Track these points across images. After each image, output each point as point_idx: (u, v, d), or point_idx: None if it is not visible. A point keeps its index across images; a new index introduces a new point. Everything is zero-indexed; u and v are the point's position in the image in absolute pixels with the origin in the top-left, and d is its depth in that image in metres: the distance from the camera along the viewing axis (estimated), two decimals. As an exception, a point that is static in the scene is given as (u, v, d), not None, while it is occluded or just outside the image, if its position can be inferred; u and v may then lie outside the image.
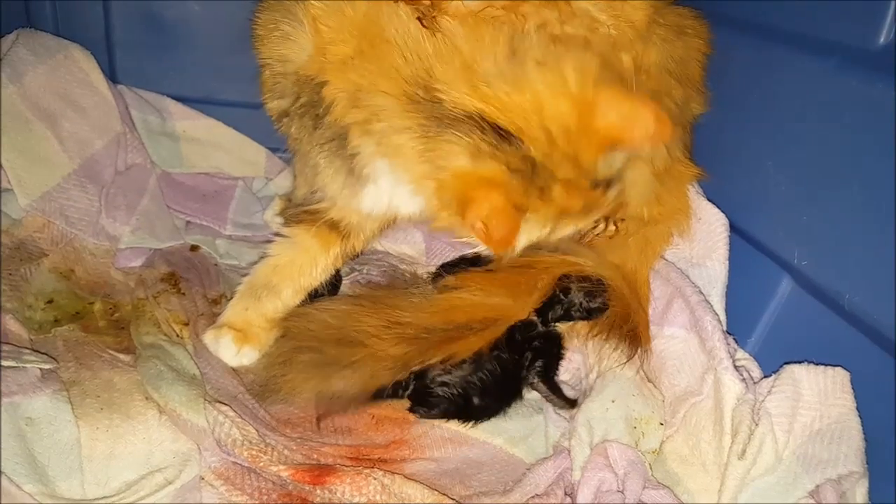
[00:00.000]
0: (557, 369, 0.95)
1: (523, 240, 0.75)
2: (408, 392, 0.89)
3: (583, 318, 0.95)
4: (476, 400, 0.89)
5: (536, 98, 0.69)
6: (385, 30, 0.73)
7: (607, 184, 0.74)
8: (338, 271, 1.04)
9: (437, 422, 0.89)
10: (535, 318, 0.94)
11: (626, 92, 0.72)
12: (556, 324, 0.96)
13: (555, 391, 0.92)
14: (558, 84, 0.70)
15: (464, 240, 1.01)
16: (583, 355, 0.95)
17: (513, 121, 0.69)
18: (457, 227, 0.74)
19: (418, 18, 0.72)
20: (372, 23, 0.74)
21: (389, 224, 0.99)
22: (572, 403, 0.90)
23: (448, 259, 1.12)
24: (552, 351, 0.95)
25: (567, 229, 0.76)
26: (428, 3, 0.73)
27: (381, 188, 0.80)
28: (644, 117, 0.69)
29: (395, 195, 0.80)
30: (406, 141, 0.73)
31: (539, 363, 0.93)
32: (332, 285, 1.03)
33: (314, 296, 0.99)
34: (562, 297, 0.94)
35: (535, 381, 0.93)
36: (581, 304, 0.94)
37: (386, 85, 0.73)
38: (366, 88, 0.74)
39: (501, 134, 0.69)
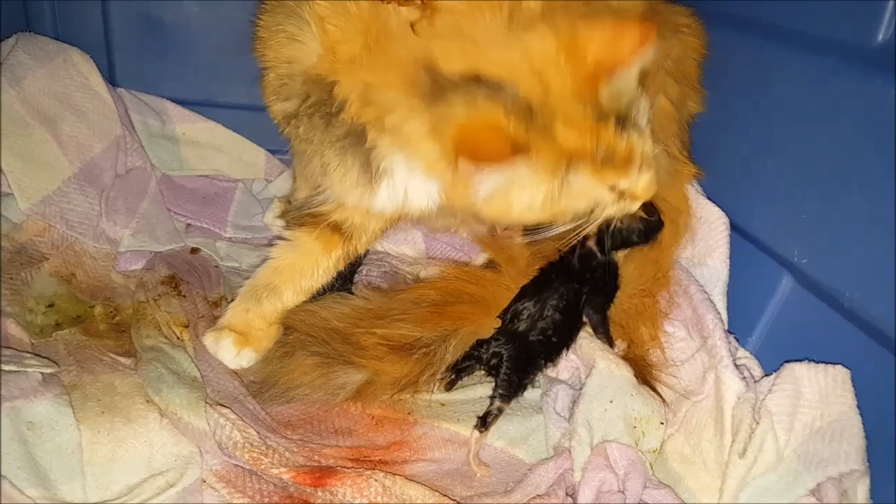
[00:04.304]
0: (611, 303, 0.96)
1: (539, 191, 0.74)
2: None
3: (643, 241, 0.95)
4: (555, 339, 0.92)
5: (525, 48, 0.71)
6: (387, 23, 0.74)
7: (620, 121, 0.73)
8: (353, 265, 1.04)
9: (437, 422, 0.88)
10: (594, 247, 0.95)
11: (606, 16, 0.72)
12: (615, 252, 0.97)
13: (604, 325, 0.94)
14: (545, 32, 0.71)
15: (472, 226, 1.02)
16: (582, 354, 0.95)
17: (505, 72, 0.70)
18: (469, 196, 0.74)
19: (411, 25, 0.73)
20: (375, 18, 0.74)
21: (393, 224, 0.99)
22: (612, 343, 0.93)
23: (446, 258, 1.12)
24: (611, 283, 0.96)
25: (586, 178, 0.74)
26: (420, 3, 0.73)
27: (396, 181, 0.80)
28: (628, 30, 0.70)
29: (410, 187, 0.80)
30: (415, 126, 0.73)
31: (597, 299, 0.95)
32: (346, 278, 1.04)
33: (317, 296, 0.98)
34: (618, 223, 0.92)
35: (591, 312, 0.95)
36: (637, 227, 0.94)
37: (391, 77, 0.73)
38: (374, 85, 0.74)
39: (495, 85, 0.70)
